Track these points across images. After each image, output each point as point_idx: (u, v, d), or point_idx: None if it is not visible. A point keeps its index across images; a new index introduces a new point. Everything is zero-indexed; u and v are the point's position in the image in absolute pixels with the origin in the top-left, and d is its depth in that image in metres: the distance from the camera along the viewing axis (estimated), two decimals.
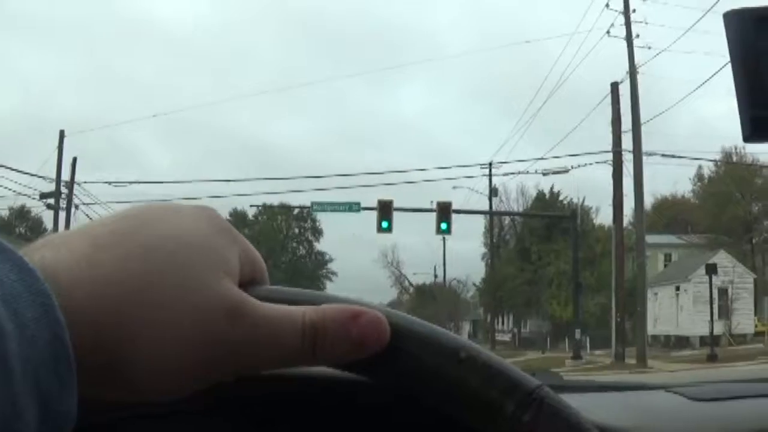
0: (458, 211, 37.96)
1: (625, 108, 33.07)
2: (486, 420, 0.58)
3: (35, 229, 60.67)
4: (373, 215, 33.16)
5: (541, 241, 62.52)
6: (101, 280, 0.50)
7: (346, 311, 0.57)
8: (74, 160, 37.95)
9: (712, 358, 32.01)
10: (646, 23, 34.61)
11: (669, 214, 63.98)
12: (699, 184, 64.32)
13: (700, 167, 60.92)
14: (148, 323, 0.51)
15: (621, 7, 33.89)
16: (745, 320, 46.47)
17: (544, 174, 37.94)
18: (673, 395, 1.20)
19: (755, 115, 0.95)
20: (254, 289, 0.57)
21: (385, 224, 32.75)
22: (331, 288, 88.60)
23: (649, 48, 34.39)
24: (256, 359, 0.55)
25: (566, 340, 47.22)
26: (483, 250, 71.77)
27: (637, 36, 33.63)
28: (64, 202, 37.47)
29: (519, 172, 41.21)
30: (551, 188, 63.71)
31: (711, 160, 52.98)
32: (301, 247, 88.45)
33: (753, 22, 0.97)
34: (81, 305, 0.49)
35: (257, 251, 0.61)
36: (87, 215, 36.72)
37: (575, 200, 60.20)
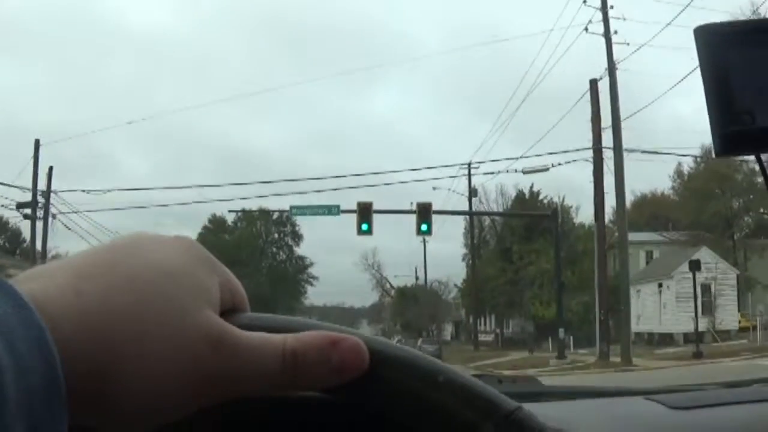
0: (438, 212, 37.87)
1: (605, 105, 32.91)
2: None
3: (14, 239, 60.26)
4: (353, 218, 32.94)
5: (521, 241, 62.46)
6: (88, 310, 0.51)
7: (325, 338, 0.58)
8: (50, 169, 37.70)
9: (697, 356, 31.85)
10: (624, 19, 34.30)
11: (649, 212, 63.92)
12: (679, 180, 64.33)
13: (680, 164, 60.99)
14: (136, 354, 0.52)
15: (599, 3, 33.66)
16: (728, 316, 46.36)
17: (524, 173, 37.66)
18: (652, 403, 1.20)
19: (726, 131, 0.98)
20: (235, 317, 0.58)
21: (365, 227, 32.56)
22: (312, 292, 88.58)
23: (628, 44, 34.21)
24: (239, 386, 0.56)
25: (549, 339, 47.01)
26: (464, 251, 71.83)
27: (616, 32, 33.43)
28: (41, 211, 37.20)
29: (499, 172, 40.98)
30: (531, 188, 63.80)
31: (692, 156, 53.04)
32: (281, 252, 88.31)
33: (723, 38, 1.00)
34: (70, 336, 0.49)
35: (237, 279, 0.62)
36: (64, 224, 36.74)
37: (555, 199, 60.20)
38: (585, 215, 60.35)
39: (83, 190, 39.66)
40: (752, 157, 1.20)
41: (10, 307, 0.46)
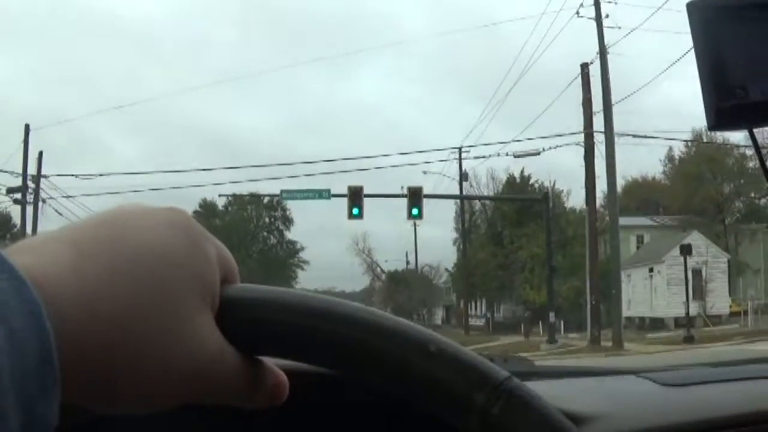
0: (429, 196, 37.74)
1: (596, 89, 32.84)
2: (456, 412, 0.59)
3: (4, 224, 59.99)
4: (344, 202, 32.90)
5: (512, 226, 62.39)
6: (88, 291, 0.51)
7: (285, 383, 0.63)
8: (40, 154, 37.56)
9: (688, 340, 31.91)
10: (616, 3, 34.20)
11: (640, 196, 63.95)
12: (670, 165, 64.38)
13: (670, 148, 61.04)
14: (134, 342, 0.52)
15: None
16: (720, 301, 46.50)
17: (515, 156, 37.55)
18: (643, 380, 1.22)
19: (719, 105, 0.99)
20: (224, 288, 0.59)
21: (355, 211, 32.57)
22: (303, 277, 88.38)
23: (619, 28, 34.12)
24: (218, 394, 0.58)
25: (540, 324, 47.03)
26: (454, 235, 71.72)
27: (607, 16, 33.36)
28: (32, 196, 37.14)
29: (490, 156, 40.85)
30: (522, 172, 63.64)
31: (683, 140, 52.99)
32: (271, 237, 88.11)
33: (716, 13, 1.00)
34: (67, 316, 0.49)
35: (227, 249, 0.62)
36: (55, 209, 36.71)
37: (546, 184, 60.15)
38: (576, 200, 60.39)
39: (73, 175, 39.35)
40: (744, 141, 1.15)
41: (4, 280, 0.46)
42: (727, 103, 0.98)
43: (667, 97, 76.53)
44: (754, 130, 1.11)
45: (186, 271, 0.55)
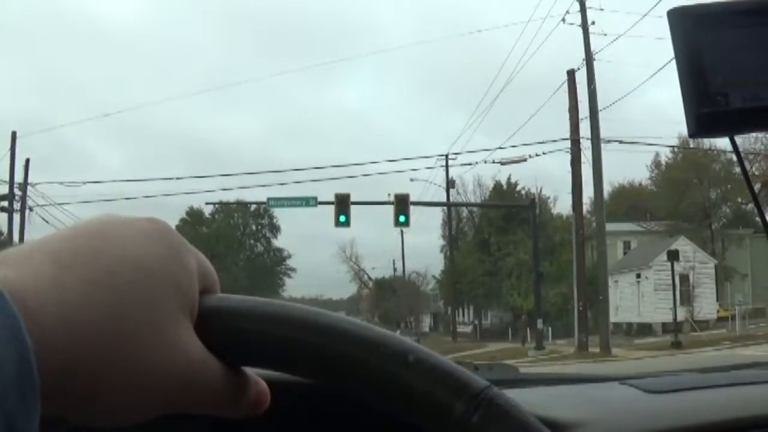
0: (416, 203, 37.72)
1: (582, 96, 32.84)
2: (435, 422, 0.59)
3: None
4: (331, 210, 32.80)
5: (499, 232, 62.43)
6: (68, 305, 0.50)
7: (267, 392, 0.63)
8: (27, 161, 37.44)
9: (676, 345, 31.90)
10: (602, 9, 34.30)
11: (627, 202, 64.04)
12: (656, 171, 64.46)
13: (657, 154, 61.12)
14: (115, 355, 0.52)
15: None
16: (707, 306, 46.53)
17: (502, 163, 37.52)
18: (626, 387, 1.24)
19: (700, 112, 1.00)
20: (204, 298, 0.59)
21: (342, 218, 32.46)
22: (290, 284, 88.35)
23: (606, 35, 34.16)
24: (198, 404, 0.58)
25: (528, 330, 47.01)
26: (441, 242, 71.79)
27: (593, 23, 33.35)
28: (18, 204, 36.97)
29: (477, 162, 40.83)
30: (508, 179, 63.73)
31: (669, 146, 53.08)
32: (258, 244, 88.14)
33: (696, 20, 1.02)
34: (47, 329, 0.49)
35: (208, 260, 0.62)
36: (42, 217, 36.53)
37: (533, 190, 60.21)
38: (562, 206, 60.44)
39: (61, 183, 39.26)
40: (729, 147, 1.17)
41: None
42: (707, 110, 0.99)
43: (653, 103, 76.64)
44: (735, 137, 1.11)
45: (165, 282, 0.55)
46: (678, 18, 1.02)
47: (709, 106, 0.99)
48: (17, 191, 36.95)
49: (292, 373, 0.61)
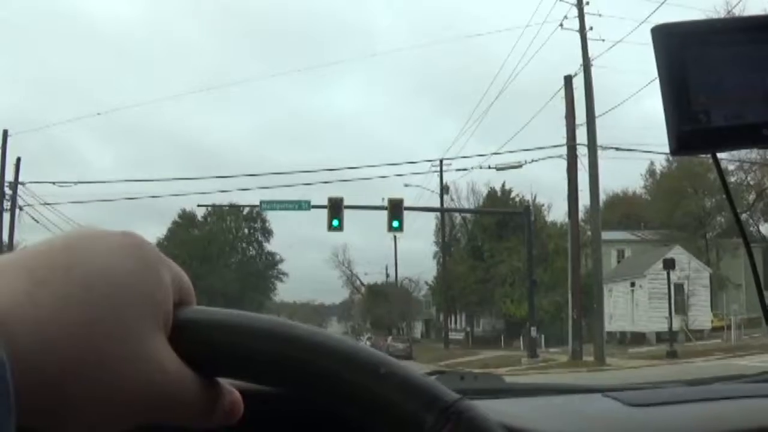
0: (410, 208, 37.53)
1: (579, 102, 32.61)
2: None
3: None
4: (324, 214, 32.52)
5: (492, 239, 62.31)
6: (44, 320, 0.51)
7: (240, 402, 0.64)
8: (18, 160, 37.34)
9: (671, 355, 31.65)
10: (600, 15, 34.03)
11: (621, 211, 63.90)
12: (651, 180, 64.30)
13: (651, 163, 60.98)
14: (90, 370, 0.52)
15: None
16: (701, 316, 46.37)
17: (497, 169, 37.26)
18: (609, 400, 1.23)
19: (682, 130, 1.02)
20: (180, 311, 0.60)
21: (335, 222, 32.27)
22: (282, 289, 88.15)
23: (603, 41, 33.98)
24: (181, 418, 0.59)
25: (521, 338, 46.76)
26: (435, 248, 71.55)
27: (591, 29, 33.16)
28: (8, 203, 36.85)
29: (471, 168, 40.64)
30: (503, 186, 63.62)
31: (665, 154, 52.88)
32: (251, 248, 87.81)
33: (680, 38, 1.04)
34: (23, 345, 0.49)
35: (183, 272, 0.63)
36: (32, 217, 36.22)
37: (527, 197, 60.01)
38: (557, 213, 60.36)
39: (51, 182, 38.86)
40: (726, 156, 0.99)
41: None
42: (689, 128, 1.00)
43: (650, 110, 76.38)
44: (717, 155, 1.10)
45: (139, 296, 0.56)
46: (662, 35, 1.02)
47: (691, 124, 1.00)
48: (7, 190, 36.78)
49: (265, 384, 0.61)
